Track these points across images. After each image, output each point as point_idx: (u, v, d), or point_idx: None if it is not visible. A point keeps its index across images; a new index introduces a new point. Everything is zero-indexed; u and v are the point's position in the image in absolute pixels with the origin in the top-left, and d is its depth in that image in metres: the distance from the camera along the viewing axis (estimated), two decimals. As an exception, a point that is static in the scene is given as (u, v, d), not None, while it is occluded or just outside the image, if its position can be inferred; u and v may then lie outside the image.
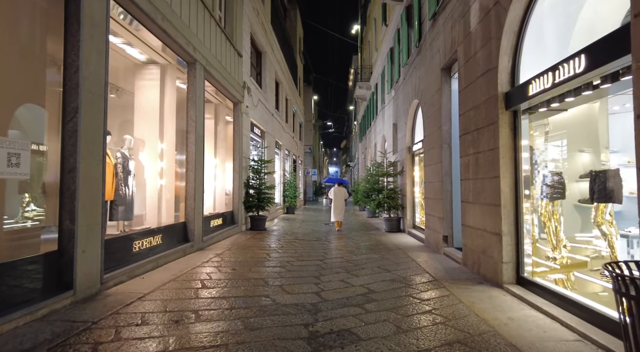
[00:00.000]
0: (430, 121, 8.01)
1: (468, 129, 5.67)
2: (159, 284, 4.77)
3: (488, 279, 4.95)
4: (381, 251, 7.73)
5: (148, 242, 5.73)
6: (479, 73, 5.28)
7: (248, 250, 7.62)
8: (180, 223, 7.04)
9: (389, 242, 9.00)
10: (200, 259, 6.47)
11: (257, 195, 11.17)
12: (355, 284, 5.02)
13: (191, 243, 7.06)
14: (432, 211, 7.90)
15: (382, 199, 10.99)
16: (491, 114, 4.87)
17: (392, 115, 13.26)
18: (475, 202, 5.40)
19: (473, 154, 5.47)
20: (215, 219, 9.03)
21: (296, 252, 7.51)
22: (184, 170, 7.42)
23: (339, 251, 7.79)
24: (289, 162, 21.66)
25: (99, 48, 4.20)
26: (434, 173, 7.68)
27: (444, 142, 7.17)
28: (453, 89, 7.21)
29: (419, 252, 7.45)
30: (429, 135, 8.07)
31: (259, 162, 11.43)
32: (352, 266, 6.18)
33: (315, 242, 8.94)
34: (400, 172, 11.20)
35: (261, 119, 13.54)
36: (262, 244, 8.57)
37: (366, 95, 22.29)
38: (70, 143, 3.80)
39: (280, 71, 18.06)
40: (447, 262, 6.45)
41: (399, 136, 11.94)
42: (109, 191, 5.93)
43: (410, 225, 10.49)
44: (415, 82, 9.37)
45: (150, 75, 7.28)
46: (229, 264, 6.17)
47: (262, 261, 6.52)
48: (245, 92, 11.21)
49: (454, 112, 7.16)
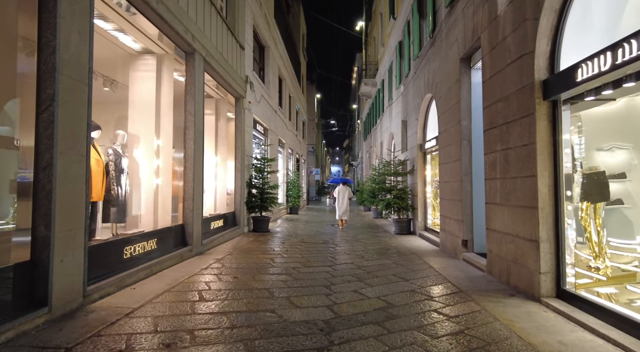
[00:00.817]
0: (446, 116, 7.45)
1: (495, 123, 5.12)
2: (151, 296, 4.24)
3: (521, 290, 4.40)
4: (393, 255, 7.19)
5: (141, 247, 5.20)
6: (508, 60, 4.73)
7: (251, 254, 7.09)
8: (177, 225, 6.52)
9: (401, 245, 8.45)
10: (198, 265, 5.94)
11: (259, 195, 10.64)
12: (371, 296, 4.48)
13: (189, 247, 6.54)
14: (448, 213, 7.35)
15: (391, 199, 10.44)
16: (525, 105, 4.32)
17: (400, 111, 12.70)
18: (504, 204, 4.85)
19: (501, 151, 4.92)
20: (215, 220, 8.51)
21: (302, 257, 6.97)
22: (182, 169, 6.89)
23: (347, 255, 7.25)
24: (292, 161, 21.14)
25: (82, 27, 3.67)
26: (452, 172, 7.13)
27: (463, 138, 6.61)
28: (473, 81, 6.66)
29: (435, 258, 6.90)
30: (445, 131, 7.52)
31: (261, 161, 10.89)
32: (365, 274, 5.64)
33: (321, 246, 8.40)
34: (411, 171, 10.65)
35: (264, 115, 13.01)
36: (266, 247, 8.04)
37: (371, 92, 21.72)
38: (46, 136, 3.27)
39: (284, 67, 17.53)
40: (469, 269, 5.90)
41: (408, 133, 11.38)
42: (99, 191, 5.41)
43: (422, 227, 9.94)
44: (428, 76, 8.81)
45: (146, 66, 6.75)
46: (230, 271, 5.64)
47: (266, 267, 5.98)
48: (248, 87, 10.67)
49: (474, 106, 6.61)
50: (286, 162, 18.70)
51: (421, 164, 10.05)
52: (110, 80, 7.74)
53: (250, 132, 11.01)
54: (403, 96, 12.23)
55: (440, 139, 7.94)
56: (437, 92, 8.17)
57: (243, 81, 10.18)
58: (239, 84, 9.78)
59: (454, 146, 6.97)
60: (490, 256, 5.32)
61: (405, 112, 11.93)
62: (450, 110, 7.17)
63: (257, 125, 12.32)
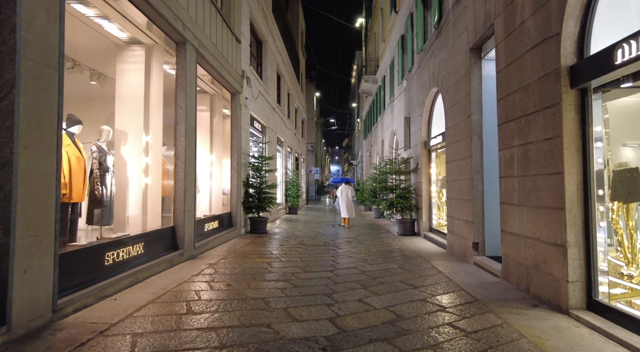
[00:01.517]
0: (454, 111, 7.02)
1: (511, 115, 4.69)
2: (133, 308, 3.80)
3: (544, 300, 3.97)
4: (398, 258, 6.76)
5: (126, 252, 4.76)
6: (528, 46, 4.29)
7: (247, 258, 6.65)
8: (167, 228, 6.08)
9: (405, 247, 8.02)
10: (189, 271, 5.50)
11: (257, 195, 10.20)
12: (378, 307, 4.05)
13: (180, 251, 6.10)
14: (457, 214, 6.92)
15: (395, 199, 10.01)
16: (548, 95, 3.88)
17: (403, 108, 12.27)
18: (522, 205, 4.42)
19: (520, 146, 4.49)
20: (210, 222, 8.07)
21: (302, 261, 6.54)
22: (173, 168, 6.44)
23: (350, 258, 6.81)
24: (291, 160, 20.70)
25: (50, 4, 3.22)
26: (461, 170, 6.70)
27: (474, 133, 6.18)
28: (484, 72, 6.22)
29: (443, 261, 6.47)
30: (453, 126, 7.08)
31: (259, 159, 10.45)
32: (369, 280, 5.21)
33: (322, 248, 7.96)
34: (415, 170, 10.22)
35: (262, 112, 12.57)
36: (263, 250, 7.60)
37: (372, 89, 21.28)
38: (5, 127, 2.83)
39: (282, 63, 17.07)
40: (481, 274, 5.47)
41: (412, 130, 10.95)
42: (80, 191, 4.97)
43: (427, 228, 9.51)
44: (434, 69, 8.38)
45: (134, 58, 6.31)
46: (223, 278, 5.20)
47: (262, 273, 5.55)
48: (245, 82, 10.23)
49: (485, 99, 6.18)
50: (285, 161, 18.26)
51: (425, 162, 9.62)
52: (97, 74, 7.30)
53: (247, 130, 10.57)
54: (406, 92, 11.79)
55: (447, 135, 7.50)
56: (443, 86, 7.73)
57: (239, 76, 9.73)
58: (235, 78, 9.34)
59: (463, 142, 6.54)
60: (505, 260, 4.89)
61: (408, 108, 11.49)
62: (459, 104, 6.74)
63: (254, 123, 11.88)
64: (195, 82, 6.81)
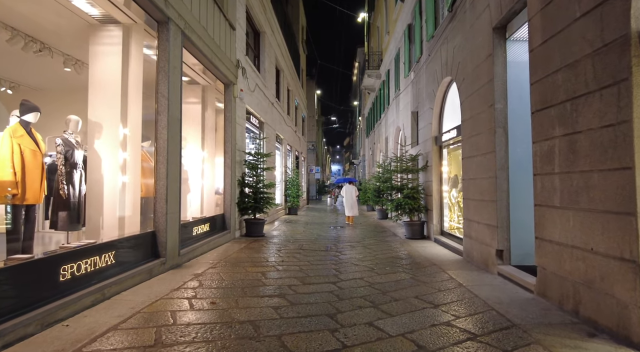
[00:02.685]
0: (473, 100, 6.23)
1: (551, 100, 3.90)
2: (87, 339, 3.02)
3: (603, 328, 3.19)
4: (410, 267, 5.98)
5: (90, 264, 3.99)
6: (578, 12, 3.50)
7: (239, 267, 5.88)
8: (147, 233, 5.31)
9: (416, 253, 7.24)
10: (169, 285, 4.73)
11: (253, 195, 9.43)
12: (393, 333, 3.28)
13: (162, 259, 5.33)
14: (475, 216, 6.13)
15: (402, 199, 9.23)
16: (609, 70, 3.10)
17: (410, 102, 11.47)
18: (568, 207, 3.64)
19: (563, 137, 3.70)
20: (199, 225, 7.30)
21: (301, 270, 5.76)
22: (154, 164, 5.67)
23: (355, 266, 6.04)
24: (290, 159, 19.93)
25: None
26: (480, 167, 5.91)
27: (498, 125, 5.39)
28: (509, 55, 5.44)
29: (461, 271, 5.69)
30: (471, 118, 6.30)
31: (255, 156, 9.67)
32: (379, 295, 4.43)
33: (323, 254, 7.18)
34: (424, 168, 9.43)
35: (259, 107, 11.79)
36: (258, 256, 6.83)
37: (375, 85, 20.49)
38: None
39: (282, 57, 16.30)
40: (510, 288, 4.68)
41: (420, 126, 10.17)
42: (36, 191, 4.20)
43: (438, 231, 8.73)
44: (447, 56, 7.59)
45: (110, 39, 5.54)
46: (208, 293, 4.42)
47: (255, 286, 4.77)
48: (240, 73, 9.46)
49: (510, 86, 5.40)
50: (284, 159, 17.49)
51: (436, 159, 8.83)
52: (73, 60, 6.54)
53: (242, 124, 9.80)
54: (413, 85, 11.00)
55: (463, 128, 6.72)
56: (458, 74, 6.94)
57: (233, 65, 8.96)
58: (229, 68, 8.56)
59: (484, 136, 5.75)
60: (543, 274, 4.11)
61: (416, 102, 10.70)
62: (479, 93, 5.95)
63: (251, 118, 11.11)
64: (181, 68, 6.04)
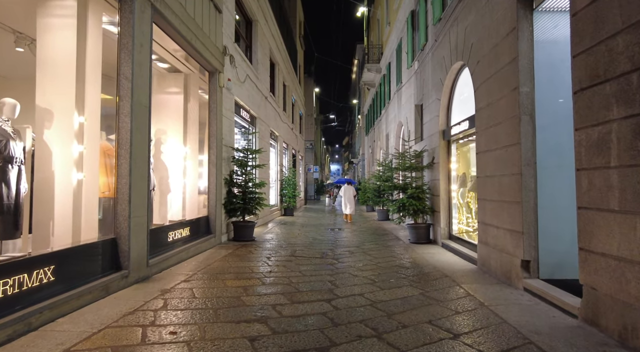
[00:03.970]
0: (490, 85, 5.38)
1: (607, 73, 3.05)
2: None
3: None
4: (417, 279, 5.13)
5: (14, 284, 3.12)
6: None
7: (217, 280, 5.01)
8: (104, 241, 4.44)
9: (423, 261, 6.38)
10: (126, 305, 3.86)
11: (242, 195, 8.57)
12: (405, 381, 2.42)
13: (123, 272, 4.47)
14: (493, 220, 5.28)
15: (406, 199, 8.37)
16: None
17: (413, 94, 10.62)
18: (633, 212, 2.78)
19: (625, 119, 2.85)
20: (177, 229, 6.43)
21: (290, 283, 4.91)
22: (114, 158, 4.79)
23: (353, 278, 5.18)
24: (287, 157, 19.05)
25: None
26: (501, 162, 5.06)
27: (523, 112, 4.54)
28: (536, 31, 4.59)
29: (479, 285, 4.83)
30: (488, 106, 5.44)
31: (244, 152, 8.80)
32: (384, 319, 3.58)
33: (318, 262, 6.33)
34: (430, 165, 8.57)
35: (251, 100, 10.93)
36: (243, 266, 5.96)
37: (375, 80, 19.64)
38: None
39: (277, 50, 15.43)
40: (544, 310, 3.82)
41: (425, 119, 9.32)
42: (-51, 191, 3.32)
43: (446, 235, 7.88)
44: (458, 38, 6.74)
45: (62, 10, 4.67)
46: (171, 318, 3.56)
47: (232, 307, 3.91)
48: (227, 61, 8.60)
49: (538, 67, 4.56)
50: (280, 158, 16.62)
51: (444, 155, 7.98)
52: (28, 39, 5.67)
53: (230, 118, 8.93)
54: (417, 75, 10.15)
55: (478, 118, 5.86)
56: (471, 57, 6.09)
57: (219, 52, 8.09)
58: (213, 54, 7.70)
59: (506, 125, 4.90)
60: (592, 295, 3.25)
61: (420, 94, 9.85)
62: (498, 76, 5.10)
63: (241, 112, 10.24)
64: (150, 47, 5.17)
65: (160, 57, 7.14)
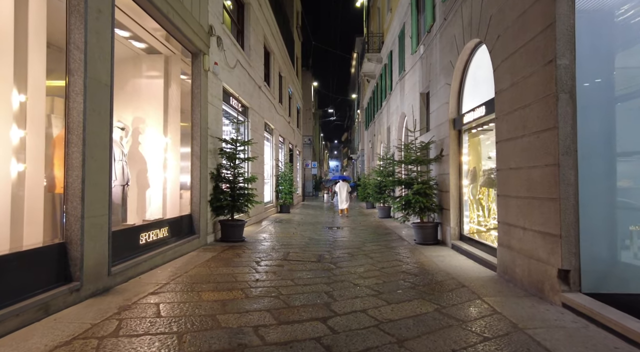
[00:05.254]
0: (515, 61, 4.56)
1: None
2: None
3: None
4: (430, 289, 4.33)
5: None
6: None
7: (192, 292, 4.21)
8: (51, 247, 3.63)
9: (433, 266, 5.59)
10: (67, 330, 3.05)
11: (230, 191, 7.76)
12: None
13: (75, 285, 3.66)
14: (519, 220, 4.48)
15: (412, 196, 7.56)
16: None
17: (418, 82, 9.80)
18: None
19: None
20: (153, 229, 5.61)
21: (280, 295, 4.11)
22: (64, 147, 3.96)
23: (355, 288, 4.39)
24: (283, 151, 18.22)
25: None
26: (530, 151, 4.25)
27: (561, 89, 3.73)
28: None
29: (505, 298, 4.04)
30: (513, 86, 4.63)
31: (233, 143, 7.97)
32: (392, 348, 2.78)
33: (314, 267, 5.52)
34: (438, 158, 7.76)
35: (242, 88, 10.08)
36: (226, 273, 5.16)
37: (375, 70, 18.79)
38: None
39: (272, 37, 14.56)
40: (599, 337, 3.02)
41: (432, 108, 8.50)
42: None
43: (456, 235, 7.09)
44: (472, 12, 5.91)
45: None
46: (120, 350, 2.76)
47: (204, 330, 3.11)
48: (214, 42, 7.75)
49: (580, 34, 3.74)
50: (276, 152, 15.79)
51: (454, 146, 7.17)
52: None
53: (217, 106, 8.09)
54: (423, 61, 9.31)
55: (499, 101, 5.04)
56: (490, 31, 5.27)
57: (204, 31, 7.24)
58: (197, 32, 6.85)
59: (537, 107, 4.08)
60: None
61: (426, 80, 9.02)
62: (527, 49, 4.27)
63: (231, 100, 9.40)
64: (112, 14, 4.32)
65: (136, 35, 6.31)
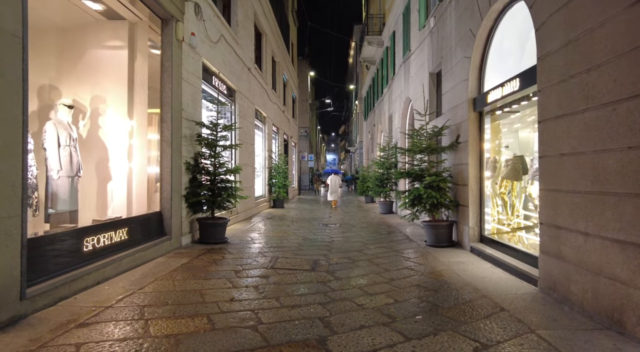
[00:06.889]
0: (573, 11, 3.41)
1: None
2: None
3: None
4: (458, 313, 3.24)
5: None
6: None
7: (138, 322, 3.09)
8: None
9: (454, 277, 4.50)
10: None
11: (210, 184, 6.62)
12: None
13: (-42, 319, 2.53)
14: (577, 222, 3.37)
15: (423, 190, 6.45)
16: None
17: (427, 60, 8.65)
18: None
19: None
20: (104, 232, 4.46)
21: (258, 325, 3.00)
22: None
23: (360, 311, 3.29)
24: (277, 142, 17.05)
25: None
26: (598, 130, 3.13)
27: (660, 36, 2.60)
28: None
29: (567, 333, 2.95)
30: (567, 45, 3.48)
31: (212, 127, 6.81)
32: None
33: (307, 279, 4.42)
34: (453, 146, 6.63)
35: (228, 68, 8.89)
36: (194, 288, 4.03)
37: (376, 55, 17.58)
38: None
39: (264, 17, 13.32)
40: None
41: (444, 88, 7.36)
42: None
43: (476, 237, 6.00)
44: (505, -38, 4.74)
45: None
46: None
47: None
48: (191, 8, 6.56)
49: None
50: (269, 142, 14.61)
51: (474, 131, 6.05)
52: None
53: (195, 84, 6.91)
54: (433, 36, 8.16)
55: (543, 69, 3.90)
56: (532, -19, 4.11)
57: (176, -8, 6.04)
58: (165, -8, 5.66)
59: (611, 68, 2.96)
60: None
61: (437, 57, 7.88)
62: (595, -10, 3.13)
63: (213, 80, 8.22)
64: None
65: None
